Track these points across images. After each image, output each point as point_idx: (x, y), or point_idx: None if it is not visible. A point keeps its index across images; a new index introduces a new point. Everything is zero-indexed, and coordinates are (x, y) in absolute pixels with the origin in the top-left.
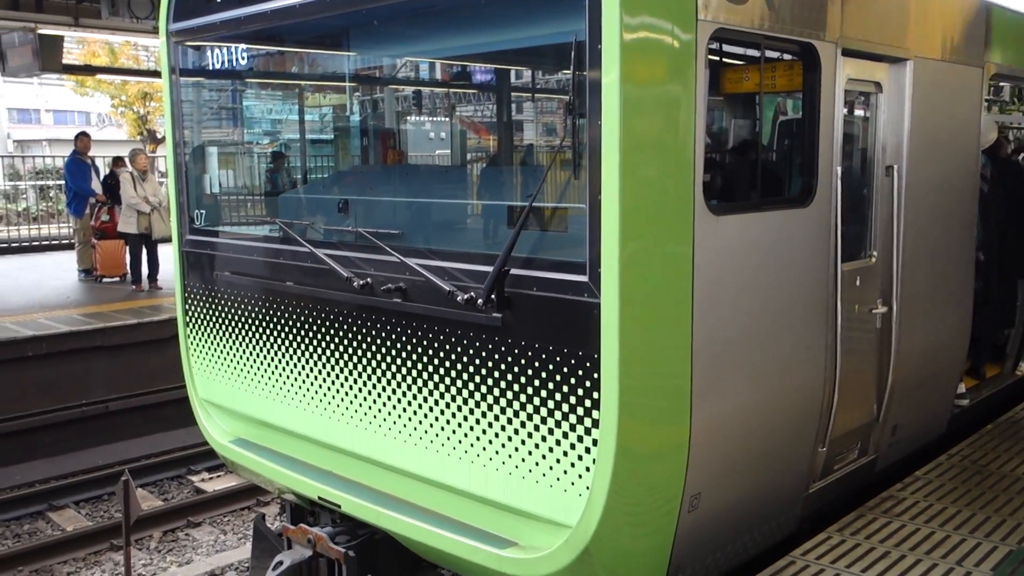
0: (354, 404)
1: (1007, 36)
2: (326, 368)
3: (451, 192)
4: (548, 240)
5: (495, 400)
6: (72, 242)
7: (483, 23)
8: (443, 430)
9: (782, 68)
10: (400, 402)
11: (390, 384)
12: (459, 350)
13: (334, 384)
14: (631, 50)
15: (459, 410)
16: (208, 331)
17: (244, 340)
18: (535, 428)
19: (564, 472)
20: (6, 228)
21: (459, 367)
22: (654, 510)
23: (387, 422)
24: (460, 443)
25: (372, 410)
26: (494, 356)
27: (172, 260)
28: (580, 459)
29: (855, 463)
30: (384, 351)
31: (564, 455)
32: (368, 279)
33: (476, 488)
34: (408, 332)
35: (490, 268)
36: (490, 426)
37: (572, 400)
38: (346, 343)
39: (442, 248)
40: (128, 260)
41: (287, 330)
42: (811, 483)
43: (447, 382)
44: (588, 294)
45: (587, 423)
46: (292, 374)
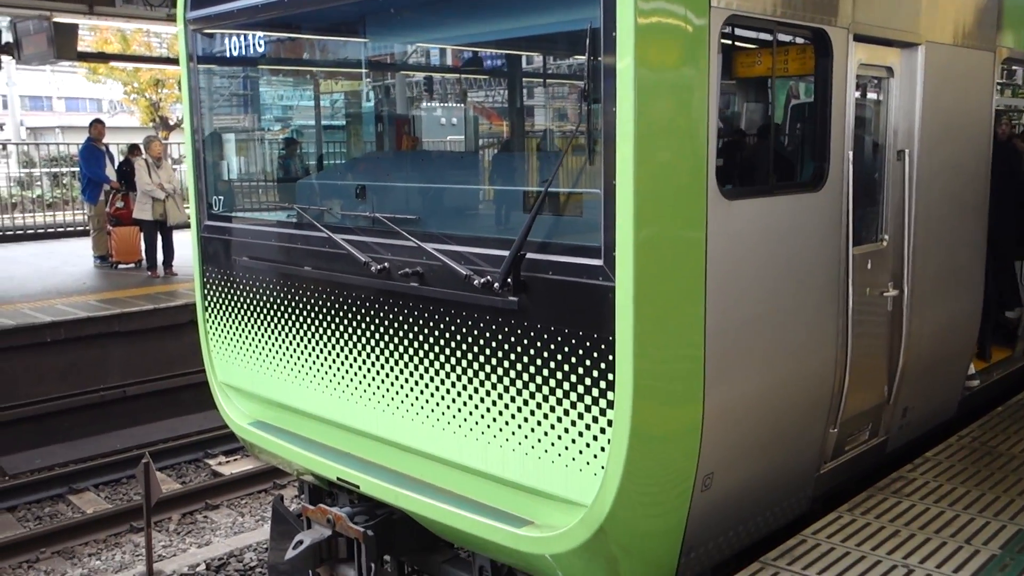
0: (372, 386)
1: (1019, 20)
2: (344, 351)
3: (467, 178)
4: (563, 225)
5: (511, 382)
6: (87, 229)
7: (498, 10)
8: (460, 411)
9: (794, 53)
10: (417, 384)
11: (407, 367)
12: (475, 333)
13: (352, 367)
14: (645, 36)
15: (475, 392)
16: (227, 315)
17: (262, 324)
18: (551, 409)
19: (579, 452)
20: (21, 215)
21: (475, 350)
22: (668, 489)
23: (404, 404)
24: (476, 424)
25: (389, 392)
26: (510, 339)
27: (190, 246)
28: (595, 439)
29: (866, 444)
30: (401, 334)
31: (579, 435)
32: (385, 264)
33: (492, 468)
34: (425, 316)
35: (506, 252)
36: (506, 407)
37: (587, 381)
38: (363, 327)
39: (458, 233)
40: (143, 246)
41: (305, 314)
42: (822, 464)
43: (464, 364)
44: (603, 277)
45: (602, 404)
46: (310, 357)
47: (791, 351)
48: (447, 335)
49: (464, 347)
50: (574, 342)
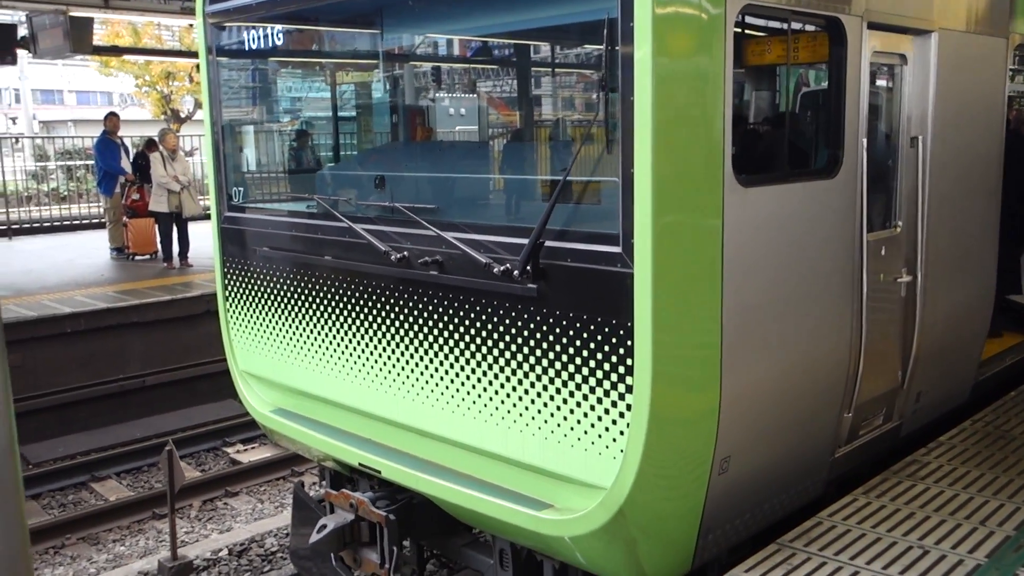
0: (392, 373)
1: None
2: (364, 339)
3: (485, 167)
4: (581, 213)
5: (531, 368)
6: (102, 221)
7: (516, 1)
8: (480, 397)
9: (808, 41)
10: (437, 371)
11: (427, 354)
12: (495, 320)
13: (372, 354)
14: (663, 26)
15: (495, 378)
16: (247, 305)
17: (283, 313)
18: (570, 394)
19: (599, 436)
20: (37, 208)
21: (495, 336)
22: (686, 472)
23: (424, 390)
24: (497, 410)
25: (410, 379)
26: (529, 325)
27: (208, 237)
28: (614, 423)
29: (880, 429)
30: (421, 322)
31: (598, 420)
32: (405, 252)
33: (512, 453)
34: (444, 303)
35: (525, 240)
36: (526, 393)
37: (606, 367)
38: (383, 315)
39: (478, 222)
40: (158, 238)
41: (325, 303)
42: (837, 448)
43: (483, 351)
44: (621, 264)
45: (621, 389)
46: (331, 345)
47: (806, 337)
48: (467, 322)
49: (484, 334)
50: (593, 328)
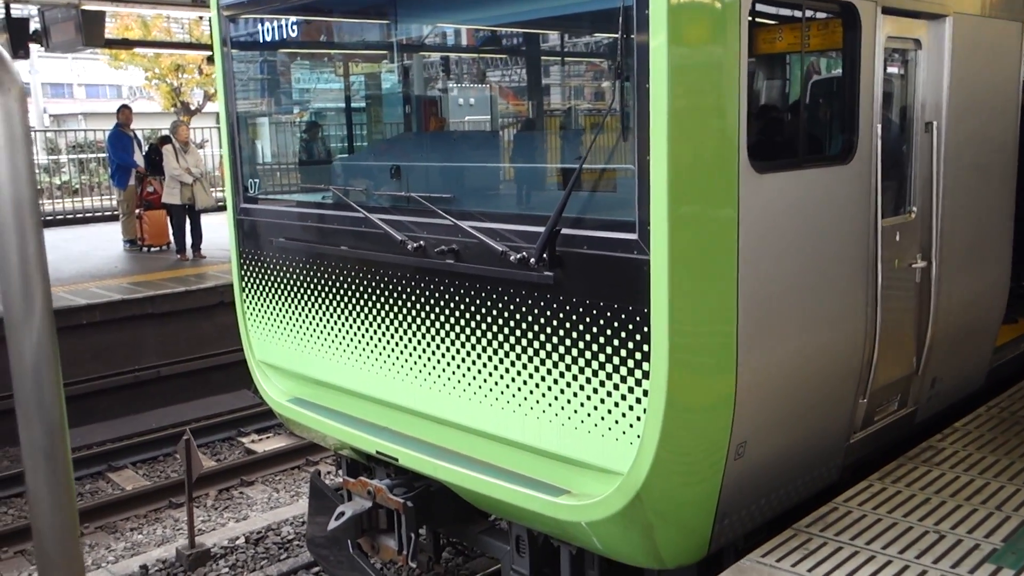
0: (409, 362)
1: None
2: (381, 328)
3: (501, 156)
4: (597, 200)
5: (548, 355)
6: (115, 214)
7: None
8: (496, 384)
9: (823, 27)
10: (454, 359)
11: (444, 342)
12: (512, 308)
13: (389, 343)
14: (678, 14)
15: (512, 365)
16: (264, 295)
17: (299, 303)
18: (587, 380)
19: (615, 422)
20: (49, 201)
21: (512, 324)
22: (702, 458)
23: (441, 378)
24: (514, 397)
25: (427, 367)
26: (546, 313)
27: (222, 229)
28: (631, 409)
29: (895, 415)
30: (438, 311)
31: (615, 406)
32: (421, 242)
33: (530, 439)
34: (461, 292)
35: (541, 229)
36: (543, 380)
37: (623, 353)
38: (400, 304)
39: (494, 210)
40: (171, 230)
41: (342, 292)
42: (852, 434)
43: (500, 339)
44: (638, 251)
45: (637, 375)
46: (347, 335)
47: (821, 322)
48: (483, 310)
49: (500, 322)
50: (609, 315)
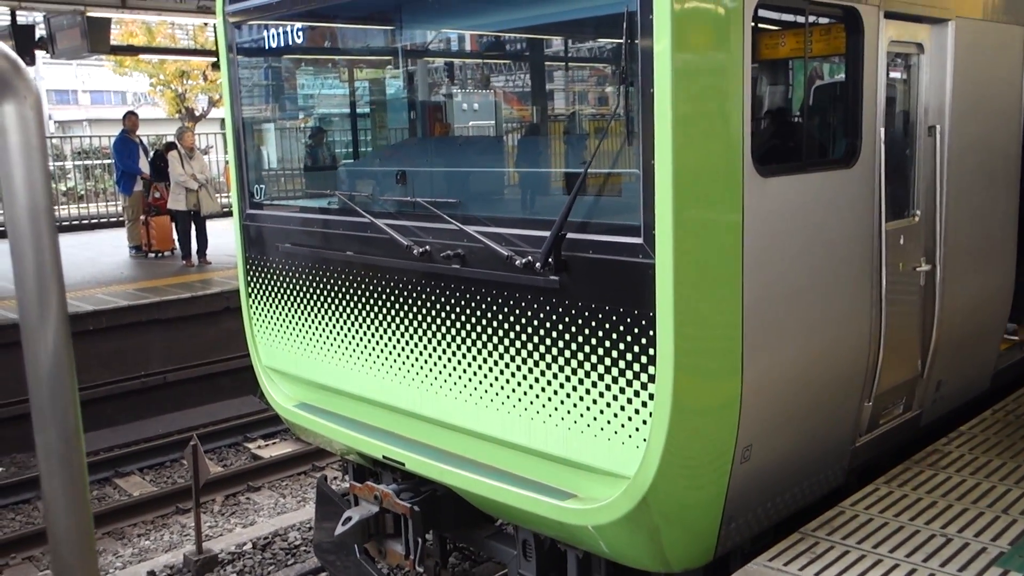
0: (415, 367)
1: None
2: (387, 333)
3: (506, 161)
4: (601, 205)
5: (553, 359)
6: (120, 220)
7: None
8: (503, 389)
9: (826, 32)
10: (460, 363)
11: (450, 346)
12: (517, 312)
13: (395, 348)
14: (682, 19)
15: (518, 369)
16: (270, 301)
17: (306, 308)
18: (592, 384)
19: (621, 426)
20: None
21: (518, 328)
22: (708, 461)
23: (448, 383)
24: (520, 401)
25: (433, 372)
26: (552, 317)
27: (227, 235)
28: (637, 413)
29: (900, 418)
30: (443, 315)
31: (621, 409)
32: (427, 247)
33: (536, 443)
34: (467, 296)
35: (546, 233)
36: (549, 384)
37: (628, 357)
38: (405, 308)
39: (499, 215)
40: (176, 236)
41: (348, 298)
42: (857, 437)
43: (506, 343)
44: (643, 255)
45: (643, 379)
46: (354, 340)
47: (826, 326)
48: (489, 315)
49: (506, 326)
50: (615, 319)
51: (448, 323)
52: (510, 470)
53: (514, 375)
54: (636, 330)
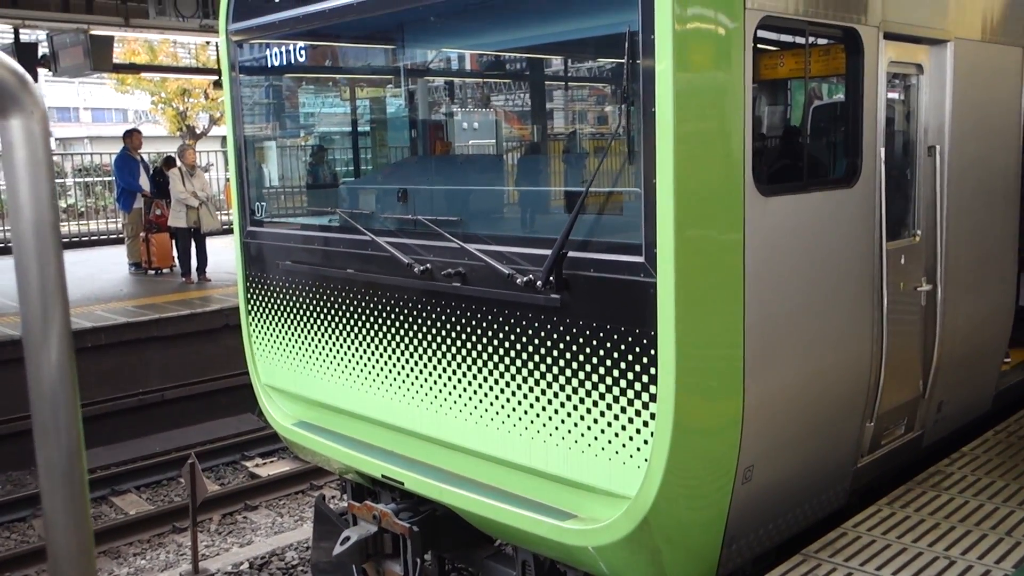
0: (415, 385)
1: None
2: (387, 351)
3: (507, 180)
4: (603, 223)
5: (554, 378)
6: (120, 237)
7: (536, 16)
8: (503, 408)
9: (826, 52)
10: (460, 382)
11: (450, 365)
12: (518, 331)
13: (395, 366)
14: (683, 39)
15: (519, 388)
16: (270, 319)
17: (306, 326)
18: (593, 404)
19: (622, 445)
20: None
21: (518, 347)
22: (710, 481)
23: (447, 402)
24: (520, 420)
25: (432, 390)
26: (553, 335)
27: (228, 252)
28: (638, 432)
29: (902, 439)
30: (444, 334)
31: (622, 429)
32: (428, 265)
33: (536, 463)
34: (467, 315)
35: (547, 251)
36: (549, 403)
37: (630, 376)
38: (406, 327)
39: (500, 233)
40: (176, 253)
41: (348, 316)
42: (859, 458)
43: (507, 362)
44: (644, 274)
45: (644, 398)
46: (353, 358)
47: (827, 346)
48: (489, 333)
49: (507, 345)
50: (616, 338)
51: (448, 341)
52: (510, 490)
53: (514, 394)
54: (637, 349)
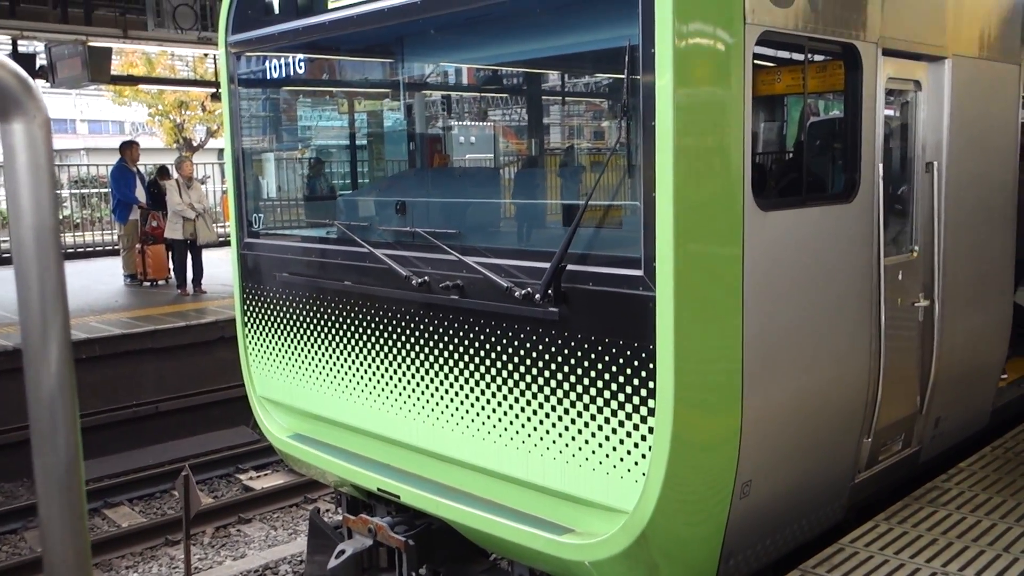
0: (412, 398)
1: None
2: (384, 364)
3: (507, 193)
4: (602, 237)
5: (552, 391)
6: (116, 248)
7: (537, 30)
8: (500, 421)
9: (825, 68)
10: (457, 395)
11: (448, 378)
12: (516, 344)
13: (392, 379)
14: (683, 54)
15: (516, 401)
16: (266, 330)
17: (302, 338)
18: (591, 417)
19: (620, 460)
20: None
21: (516, 360)
22: (708, 496)
23: (445, 415)
24: (517, 433)
25: (430, 403)
26: (551, 349)
27: (225, 264)
28: (636, 447)
29: (899, 455)
30: (441, 346)
31: (620, 443)
32: (426, 277)
33: (533, 477)
34: (465, 328)
35: (546, 265)
36: (547, 416)
37: (628, 390)
38: (403, 339)
39: (499, 246)
40: (172, 265)
41: (345, 328)
42: (857, 473)
43: (504, 375)
44: (643, 288)
45: (643, 412)
46: (350, 370)
47: (825, 360)
48: (487, 346)
49: (504, 358)
50: (615, 351)
51: (446, 354)
52: (507, 504)
53: (512, 407)
54: (636, 363)
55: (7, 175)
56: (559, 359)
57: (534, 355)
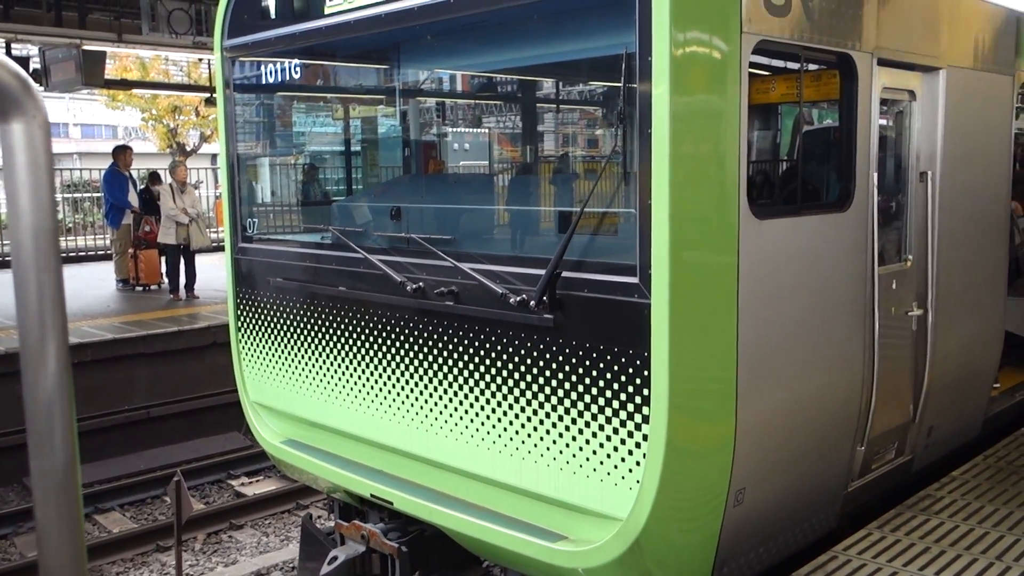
0: (405, 404)
1: None
2: (377, 370)
3: (502, 199)
4: (598, 244)
5: (546, 398)
6: (108, 253)
7: (534, 38)
8: (494, 427)
9: (820, 78)
10: (451, 401)
11: (441, 384)
12: (510, 350)
13: (385, 385)
14: (680, 62)
15: (510, 408)
16: (259, 335)
17: (296, 344)
18: (586, 424)
19: (614, 467)
20: None
21: (510, 367)
22: (701, 504)
23: (438, 421)
24: (511, 440)
25: (423, 410)
26: (545, 355)
27: (219, 269)
28: (630, 454)
29: (892, 463)
30: (435, 352)
31: (614, 450)
32: (420, 283)
33: (527, 484)
34: (460, 334)
35: (541, 271)
36: (541, 423)
37: (622, 397)
38: (397, 345)
39: (494, 253)
40: (165, 270)
41: (339, 334)
42: (850, 481)
43: (498, 381)
44: (639, 295)
45: (637, 419)
46: (343, 376)
47: (819, 368)
48: (482, 353)
49: (499, 364)
50: (609, 358)
51: (440, 360)
52: (500, 510)
53: (506, 414)
54: (631, 370)
55: (6, 175)
56: (553, 366)
57: (528, 362)
